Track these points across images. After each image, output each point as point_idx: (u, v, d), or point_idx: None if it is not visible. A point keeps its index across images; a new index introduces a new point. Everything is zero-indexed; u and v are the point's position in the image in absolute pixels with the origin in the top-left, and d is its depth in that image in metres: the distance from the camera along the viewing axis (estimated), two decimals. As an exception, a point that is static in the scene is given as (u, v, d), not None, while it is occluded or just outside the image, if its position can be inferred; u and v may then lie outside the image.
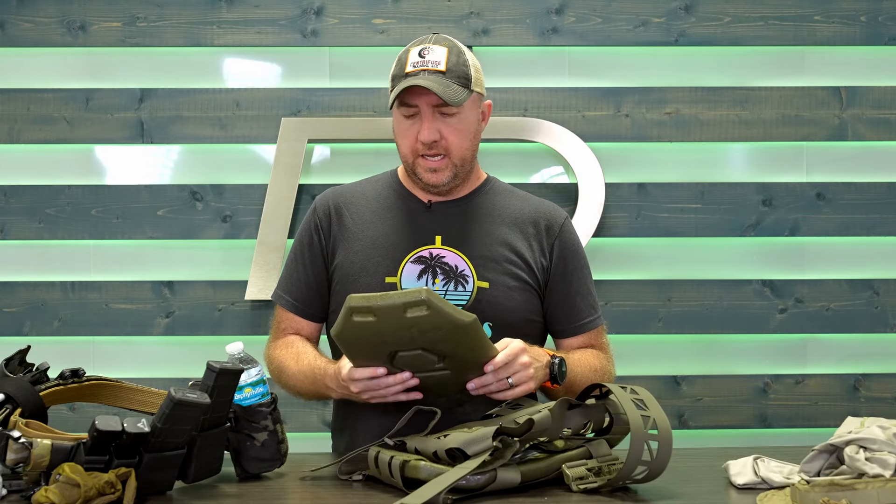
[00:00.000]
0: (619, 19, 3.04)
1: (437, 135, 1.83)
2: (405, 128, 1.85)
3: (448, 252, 1.88)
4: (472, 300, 1.85)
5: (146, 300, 3.02)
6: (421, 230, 1.90)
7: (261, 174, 3.02)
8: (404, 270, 1.86)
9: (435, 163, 1.85)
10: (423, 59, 1.81)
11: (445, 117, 1.83)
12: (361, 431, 1.85)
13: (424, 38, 1.87)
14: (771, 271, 3.04)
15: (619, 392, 1.49)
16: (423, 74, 1.79)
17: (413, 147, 1.85)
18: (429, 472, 1.44)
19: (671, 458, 1.45)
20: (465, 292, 1.85)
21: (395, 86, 1.82)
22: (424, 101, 1.81)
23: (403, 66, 1.83)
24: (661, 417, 1.46)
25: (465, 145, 1.87)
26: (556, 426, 1.50)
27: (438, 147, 1.84)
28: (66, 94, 3.03)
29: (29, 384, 1.57)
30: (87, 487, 1.33)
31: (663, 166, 3.04)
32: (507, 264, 1.89)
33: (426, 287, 1.68)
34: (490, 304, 1.86)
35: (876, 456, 1.33)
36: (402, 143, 1.87)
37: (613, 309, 2.98)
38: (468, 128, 1.87)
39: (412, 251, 1.88)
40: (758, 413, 3.03)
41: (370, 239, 1.91)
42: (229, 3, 3.04)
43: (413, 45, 1.85)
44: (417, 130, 1.83)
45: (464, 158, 1.88)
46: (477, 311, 1.84)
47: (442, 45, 1.83)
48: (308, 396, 1.92)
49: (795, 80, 3.05)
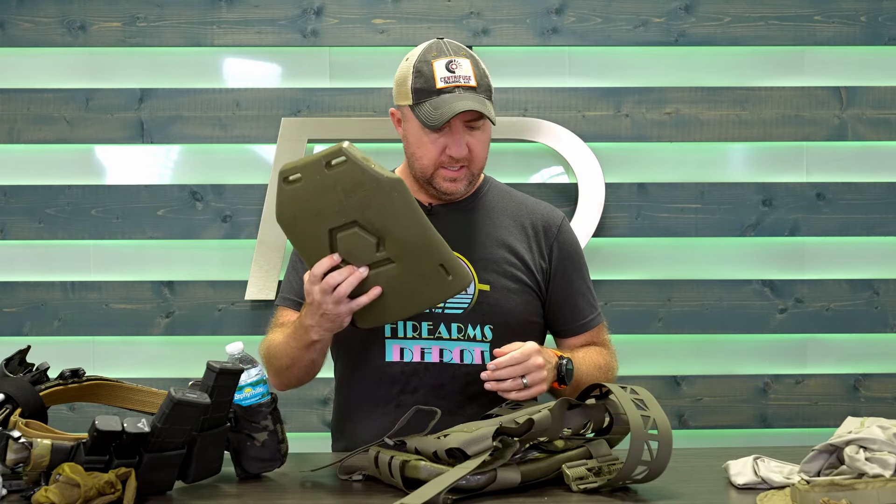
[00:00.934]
0: (619, 19, 3.04)
1: (467, 149, 1.83)
2: (429, 140, 1.82)
3: None
4: (474, 303, 1.85)
5: (146, 300, 3.02)
6: None
7: (261, 174, 3.02)
8: None
9: (455, 173, 1.84)
10: (453, 73, 1.79)
11: (473, 130, 1.83)
12: (361, 433, 1.85)
13: (438, 46, 1.83)
14: (771, 271, 3.04)
15: (619, 392, 1.50)
16: (459, 91, 1.78)
17: (437, 160, 1.83)
18: (429, 472, 1.44)
19: (671, 458, 1.45)
20: (466, 295, 1.85)
21: (427, 100, 1.79)
22: (458, 117, 1.79)
23: (431, 80, 1.79)
24: (661, 417, 1.46)
25: (485, 153, 1.88)
26: (556, 426, 1.50)
27: (464, 160, 1.84)
28: (66, 94, 3.03)
29: (29, 384, 1.57)
30: (87, 487, 1.33)
31: (663, 166, 3.04)
32: (506, 266, 1.89)
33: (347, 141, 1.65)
34: (491, 306, 1.86)
35: (876, 456, 1.33)
36: (424, 154, 1.84)
37: (613, 309, 2.98)
38: (488, 137, 1.87)
39: None
40: (758, 413, 3.03)
41: None
42: (229, 3, 3.04)
43: (433, 57, 1.81)
44: (444, 145, 1.82)
45: (481, 167, 1.90)
46: (478, 315, 1.85)
47: (464, 57, 1.81)
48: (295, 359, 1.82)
49: (795, 80, 3.05)
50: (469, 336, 1.85)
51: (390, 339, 1.85)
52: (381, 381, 1.86)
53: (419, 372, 1.85)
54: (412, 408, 1.64)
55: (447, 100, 1.77)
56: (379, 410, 1.84)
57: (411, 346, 1.85)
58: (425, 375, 1.84)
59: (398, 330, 1.85)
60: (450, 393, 1.83)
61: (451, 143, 1.81)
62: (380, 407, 1.85)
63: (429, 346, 1.85)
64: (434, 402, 1.72)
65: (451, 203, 1.93)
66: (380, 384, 1.86)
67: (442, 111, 1.77)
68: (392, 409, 1.83)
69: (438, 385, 1.84)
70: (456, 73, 1.79)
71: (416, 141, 1.85)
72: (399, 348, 1.85)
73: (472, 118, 1.80)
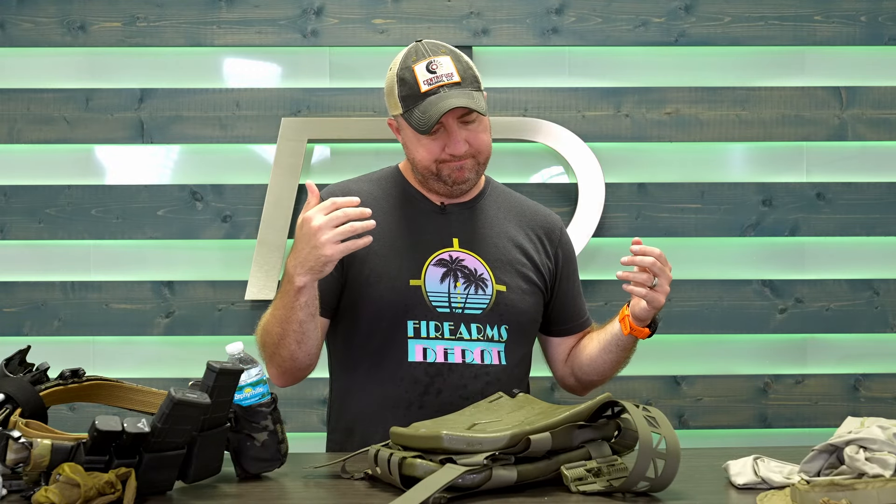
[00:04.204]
0: (619, 19, 3.04)
1: (466, 145, 1.83)
2: (427, 144, 1.83)
3: (466, 255, 1.89)
4: (492, 304, 1.86)
5: (146, 300, 3.02)
6: (438, 232, 1.90)
7: (261, 174, 3.02)
8: (427, 273, 1.86)
9: (461, 162, 1.86)
10: (434, 74, 1.80)
11: (468, 125, 1.83)
12: (377, 438, 1.84)
13: (416, 49, 1.83)
14: (771, 271, 3.04)
15: (632, 408, 1.48)
16: (444, 90, 1.78)
17: (437, 158, 1.84)
18: (425, 469, 1.44)
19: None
20: (485, 296, 1.86)
21: (415, 106, 1.79)
22: (449, 115, 1.80)
23: (415, 86, 1.80)
24: (672, 436, 1.44)
25: (487, 142, 1.88)
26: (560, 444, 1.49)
27: (466, 154, 1.85)
28: (66, 94, 3.03)
29: (29, 384, 1.57)
30: (87, 487, 1.33)
31: (663, 166, 3.04)
32: (519, 266, 1.91)
33: None
34: (508, 307, 1.88)
35: (876, 456, 1.33)
36: (424, 157, 1.85)
37: (613, 309, 2.93)
38: (486, 125, 1.88)
39: (433, 254, 1.87)
40: (758, 413, 3.03)
41: (388, 241, 1.87)
42: (229, 3, 3.03)
43: (413, 61, 1.82)
44: (442, 145, 1.83)
45: (488, 155, 1.90)
46: (496, 315, 1.86)
47: (443, 55, 1.82)
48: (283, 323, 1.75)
49: (795, 80, 3.05)
50: (488, 336, 1.86)
51: (413, 339, 1.84)
52: (402, 382, 1.83)
53: (443, 372, 1.83)
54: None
55: (433, 102, 1.78)
56: (400, 412, 1.81)
57: (434, 346, 1.84)
58: (449, 376, 1.83)
59: (421, 330, 1.84)
60: (472, 393, 1.81)
61: (449, 142, 1.82)
62: (400, 409, 1.82)
63: (451, 346, 1.84)
64: (457, 403, 1.73)
65: (462, 202, 1.93)
66: (401, 385, 1.83)
67: (429, 114, 1.78)
68: (415, 410, 1.81)
69: (462, 385, 1.83)
70: (437, 73, 1.80)
71: (414, 146, 1.86)
72: (422, 348, 1.84)
73: (463, 114, 1.81)
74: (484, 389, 1.83)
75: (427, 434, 1.48)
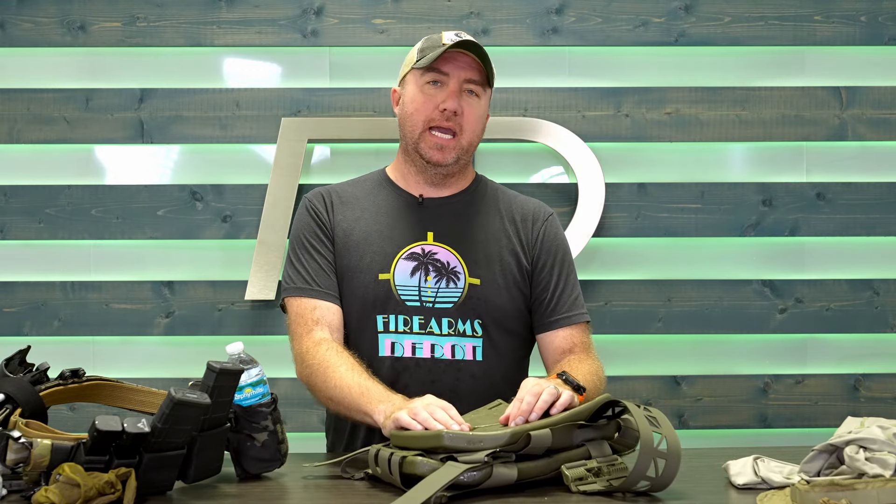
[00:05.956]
0: (619, 19, 3.04)
1: (461, 108, 1.85)
2: (426, 96, 1.86)
3: (440, 249, 1.88)
4: (464, 297, 1.85)
5: (146, 300, 3.02)
6: (413, 226, 1.90)
7: (261, 174, 3.02)
8: (397, 267, 1.86)
9: (444, 140, 1.86)
10: (459, 38, 1.85)
11: (470, 96, 1.86)
12: (353, 429, 1.85)
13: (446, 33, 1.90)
14: (771, 271, 3.04)
15: (634, 409, 1.48)
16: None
17: (429, 116, 1.86)
18: (426, 467, 1.44)
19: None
20: (456, 289, 1.85)
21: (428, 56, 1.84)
22: (458, 73, 1.84)
23: (437, 41, 1.86)
24: (673, 437, 1.44)
25: (477, 130, 1.90)
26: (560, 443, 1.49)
27: (454, 122, 1.85)
28: (66, 94, 3.03)
29: (29, 384, 1.57)
30: (87, 487, 1.33)
31: (663, 166, 3.04)
32: (497, 260, 1.90)
33: None
34: (480, 300, 1.86)
35: (876, 456, 1.33)
36: (418, 110, 1.87)
37: (613, 309, 2.98)
38: (482, 114, 1.90)
39: (404, 247, 1.88)
40: (758, 413, 3.03)
41: (362, 235, 1.90)
42: (229, 3, 3.03)
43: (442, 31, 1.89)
44: (441, 100, 1.85)
45: (471, 143, 1.90)
46: (468, 309, 1.85)
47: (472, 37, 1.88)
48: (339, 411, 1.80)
49: (795, 80, 3.05)
50: (460, 331, 1.85)
51: (383, 334, 1.84)
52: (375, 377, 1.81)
53: (410, 367, 1.84)
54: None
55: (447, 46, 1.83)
56: None
57: (402, 340, 1.84)
58: (416, 371, 1.83)
59: (389, 324, 1.84)
60: (442, 389, 1.77)
61: (447, 97, 1.84)
62: None
63: (420, 340, 1.84)
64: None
65: (442, 197, 1.93)
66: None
67: (439, 50, 1.83)
68: None
69: (429, 381, 1.83)
70: (462, 38, 1.85)
71: (411, 99, 1.88)
72: (390, 342, 1.84)
73: (469, 79, 1.85)
74: (455, 386, 1.82)
75: (428, 434, 1.48)
